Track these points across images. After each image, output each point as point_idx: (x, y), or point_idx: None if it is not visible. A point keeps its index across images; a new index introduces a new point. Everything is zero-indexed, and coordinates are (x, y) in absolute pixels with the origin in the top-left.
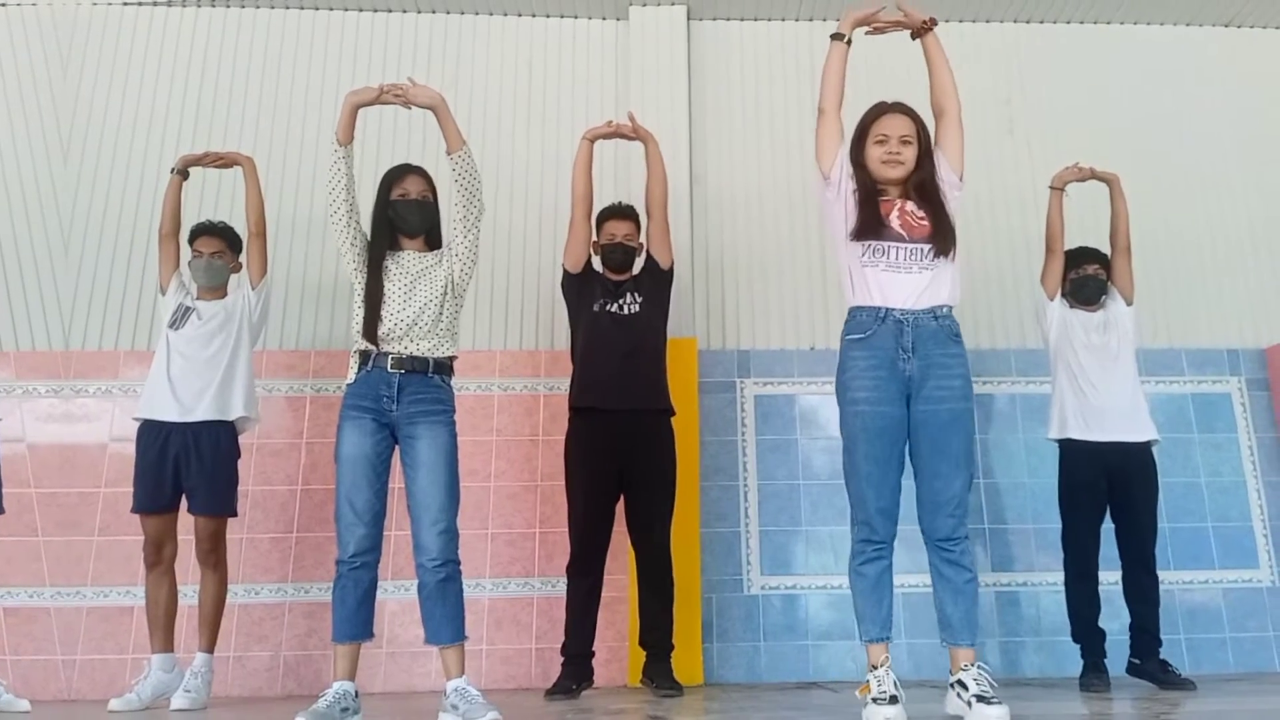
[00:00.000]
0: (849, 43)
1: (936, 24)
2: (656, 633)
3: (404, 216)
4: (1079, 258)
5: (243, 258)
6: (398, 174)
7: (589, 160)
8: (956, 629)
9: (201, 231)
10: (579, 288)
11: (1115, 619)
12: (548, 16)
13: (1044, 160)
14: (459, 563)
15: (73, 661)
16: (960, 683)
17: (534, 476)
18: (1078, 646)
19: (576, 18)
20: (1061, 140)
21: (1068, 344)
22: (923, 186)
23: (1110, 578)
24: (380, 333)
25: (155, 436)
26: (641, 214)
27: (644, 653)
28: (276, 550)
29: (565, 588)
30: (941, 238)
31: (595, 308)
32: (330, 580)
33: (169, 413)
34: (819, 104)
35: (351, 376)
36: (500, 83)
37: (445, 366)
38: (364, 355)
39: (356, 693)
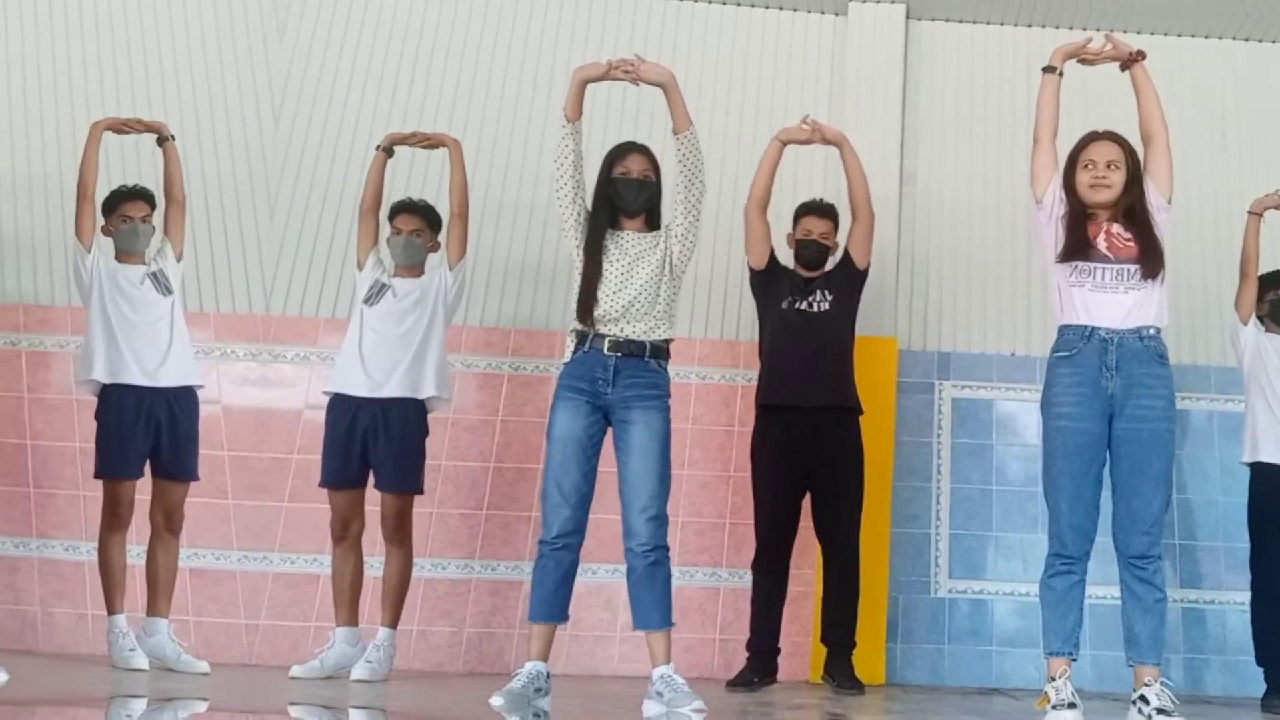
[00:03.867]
0: (1060, 75)
1: (1145, 56)
2: (839, 630)
3: (623, 195)
4: (1278, 279)
5: (442, 237)
6: (620, 152)
7: (776, 162)
8: (1143, 647)
9: (402, 209)
10: (766, 284)
11: None
12: (766, 8)
13: (1255, 178)
14: (668, 549)
15: (256, 626)
16: (1143, 698)
17: (727, 467)
18: (1262, 669)
19: (795, 10)
20: (1276, 158)
21: (1262, 367)
22: (1131, 210)
23: None
24: (596, 314)
25: (345, 411)
26: (843, 213)
27: (825, 649)
28: (465, 526)
29: (751, 582)
30: (1149, 259)
31: (784, 304)
32: (517, 559)
33: (360, 388)
34: (1034, 133)
35: (568, 356)
36: (715, 71)
37: (662, 350)
38: (581, 336)
39: (548, 674)
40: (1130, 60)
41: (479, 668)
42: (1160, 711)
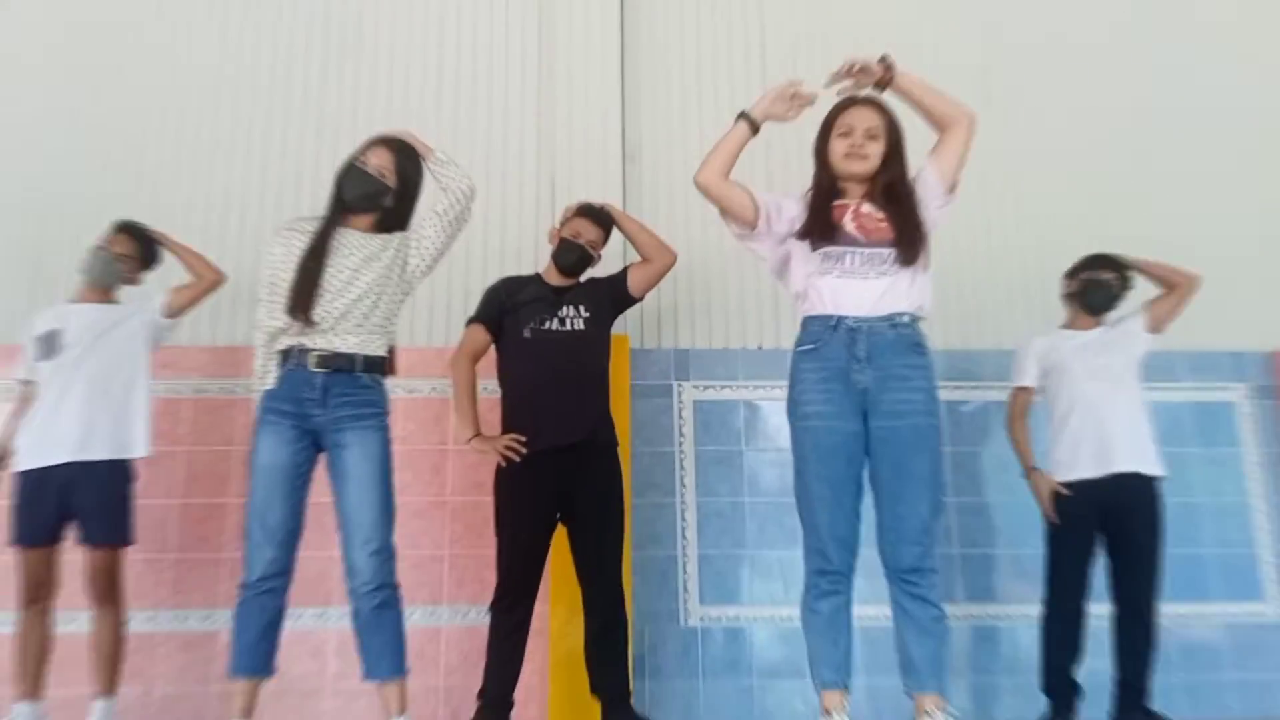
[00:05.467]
0: (756, 132)
1: (893, 64)
2: (614, 677)
3: (343, 184)
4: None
5: (145, 276)
6: (371, 141)
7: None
8: (922, 673)
9: (124, 229)
10: None
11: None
12: None
13: (1024, 132)
14: (397, 587)
15: None
16: None
17: (443, 491)
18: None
19: None
20: (1044, 111)
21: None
22: (890, 188)
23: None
24: (312, 316)
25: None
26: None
27: (599, 701)
28: (150, 573)
29: (488, 622)
30: (906, 244)
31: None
32: (210, 607)
33: (56, 456)
34: (701, 175)
35: (271, 382)
36: (408, 48)
37: (376, 364)
38: (283, 354)
39: None
40: (884, 79)
41: None
42: None
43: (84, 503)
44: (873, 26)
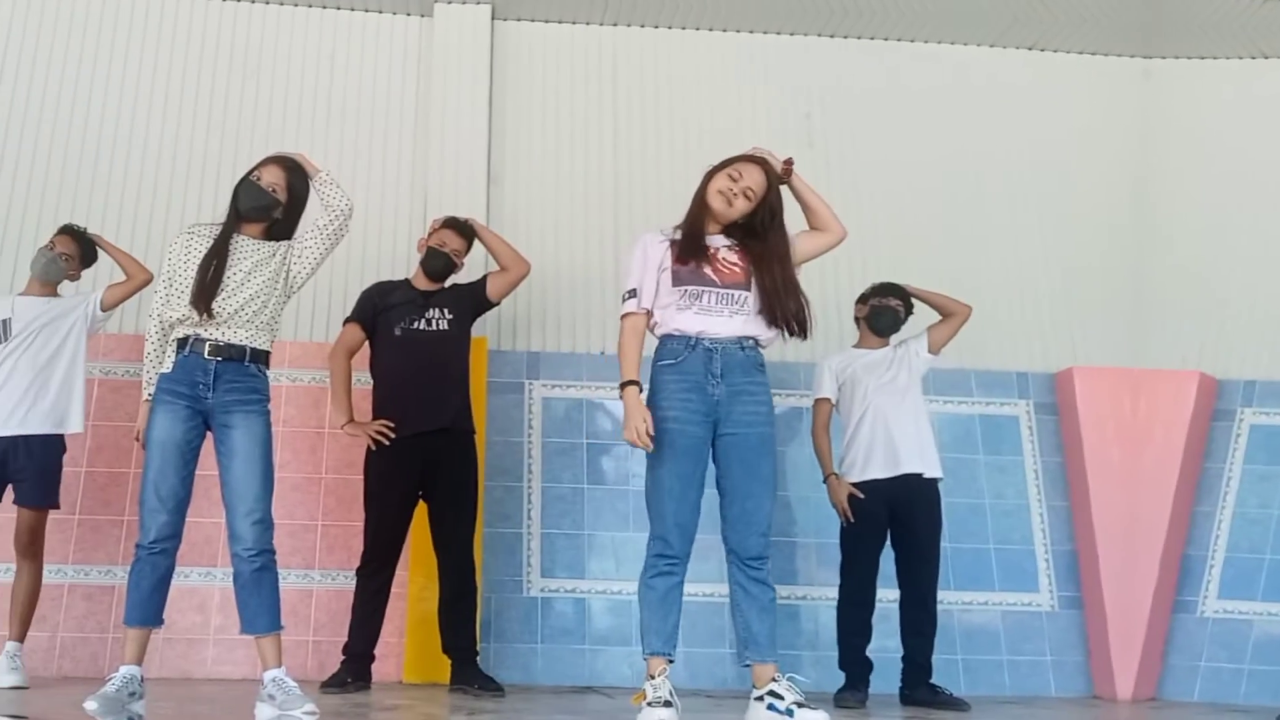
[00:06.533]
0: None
1: (792, 163)
2: (464, 638)
3: (240, 195)
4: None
5: (88, 271)
6: (266, 160)
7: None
8: (763, 646)
9: (66, 231)
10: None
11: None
12: (352, 10)
13: (841, 172)
14: (274, 552)
15: None
16: (773, 693)
17: (319, 469)
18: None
19: (381, 12)
20: (861, 155)
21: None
22: (748, 243)
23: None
24: (211, 308)
25: None
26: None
27: (450, 658)
28: (59, 532)
29: (354, 585)
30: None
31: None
32: (111, 563)
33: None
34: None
35: (168, 366)
36: (302, 75)
37: (262, 356)
38: (180, 342)
39: (142, 678)
40: (785, 174)
41: (73, 672)
42: (799, 705)
43: (21, 470)
44: (711, 70)
